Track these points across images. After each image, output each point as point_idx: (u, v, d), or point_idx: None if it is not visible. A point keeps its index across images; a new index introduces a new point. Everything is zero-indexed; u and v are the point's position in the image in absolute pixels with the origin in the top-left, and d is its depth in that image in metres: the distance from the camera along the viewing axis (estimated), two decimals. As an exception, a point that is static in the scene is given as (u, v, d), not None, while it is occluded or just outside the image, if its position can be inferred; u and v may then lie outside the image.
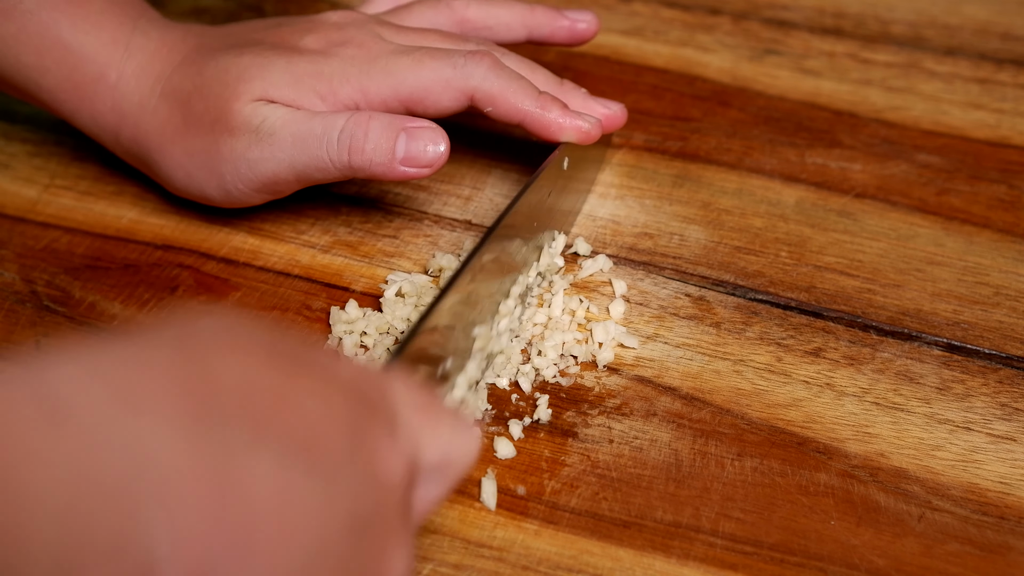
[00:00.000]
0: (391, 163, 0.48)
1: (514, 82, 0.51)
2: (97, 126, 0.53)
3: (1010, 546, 0.43)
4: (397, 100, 0.50)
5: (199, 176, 0.51)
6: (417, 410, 0.34)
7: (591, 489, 0.44)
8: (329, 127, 0.49)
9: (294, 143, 0.49)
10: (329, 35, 0.52)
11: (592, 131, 0.52)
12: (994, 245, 0.55)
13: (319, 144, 0.49)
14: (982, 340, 0.50)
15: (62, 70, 0.51)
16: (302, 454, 0.28)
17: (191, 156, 0.51)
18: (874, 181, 0.58)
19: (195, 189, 0.52)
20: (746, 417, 0.47)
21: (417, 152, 0.48)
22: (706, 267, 0.53)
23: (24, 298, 0.51)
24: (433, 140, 0.48)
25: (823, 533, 0.43)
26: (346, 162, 0.49)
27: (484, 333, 0.46)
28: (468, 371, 0.45)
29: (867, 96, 0.63)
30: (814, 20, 0.68)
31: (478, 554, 0.42)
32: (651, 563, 0.42)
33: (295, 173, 0.50)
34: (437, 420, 0.34)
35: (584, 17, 0.57)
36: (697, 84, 0.64)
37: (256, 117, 0.49)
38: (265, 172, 0.50)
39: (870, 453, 0.46)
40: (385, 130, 0.48)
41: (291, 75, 0.50)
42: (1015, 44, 0.67)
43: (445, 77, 0.50)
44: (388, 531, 0.30)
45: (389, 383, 0.33)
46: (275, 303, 0.51)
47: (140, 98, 0.51)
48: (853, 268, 0.53)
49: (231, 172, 0.50)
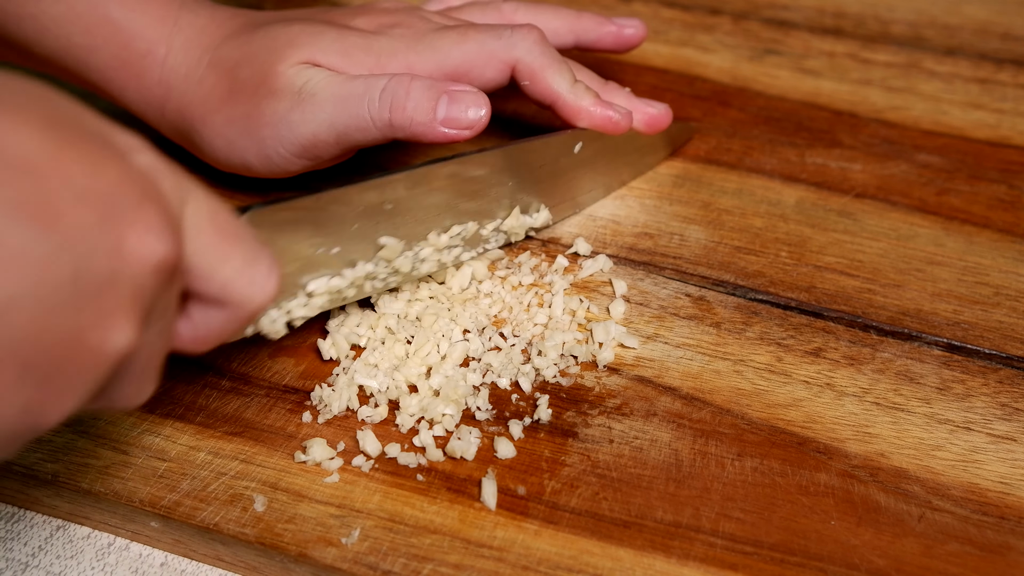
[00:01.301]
0: (432, 123, 0.49)
1: (556, 62, 0.51)
2: (144, 101, 0.53)
3: (1010, 546, 0.43)
4: (442, 74, 0.51)
5: (240, 143, 0.51)
6: (213, 230, 0.34)
7: (591, 489, 0.44)
8: (371, 86, 0.49)
9: (336, 103, 0.49)
10: (379, 18, 0.53)
11: (621, 121, 0.52)
12: (994, 245, 0.55)
13: (360, 102, 0.49)
14: (982, 340, 0.50)
15: (111, 47, 0.52)
16: (32, 210, 0.29)
17: (233, 122, 0.51)
18: (874, 181, 0.58)
19: (236, 158, 0.52)
20: (746, 417, 0.47)
21: (458, 114, 0.49)
22: (706, 267, 0.53)
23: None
24: (475, 104, 0.49)
25: (823, 533, 0.43)
26: (387, 120, 0.49)
27: (394, 246, 0.46)
28: (349, 275, 0.45)
29: (867, 96, 0.63)
30: (814, 20, 0.68)
31: (478, 554, 0.42)
32: (651, 563, 0.42)
33: (335, 133, 0.50)
34: (232, 250, 0.34)
35: (631, 23, 0.57)
36: (697, 84, 0.64)
37: (300, 78, 0.50)
38: (306, 133, 0.50)
39: (870, 453, 0.46)
40: (427, 91, 0.49)
41: (341, 45, 0.51)
42: (1015, 44, 0.67)
43: (490, 48, 0.51)
44: (112, 308, 0.30)
45: (186, 190, 0.34)
46: (275, 303, 0.51)
47: (187, 69, 0.52)
48: (853, 268, 0.53)
49: (272, 135, 0.50)
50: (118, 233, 0.30)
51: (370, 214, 0.45)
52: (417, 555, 0.42)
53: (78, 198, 0.30)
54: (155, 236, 0.31)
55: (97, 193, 0.30)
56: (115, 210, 0.30)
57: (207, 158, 0.53)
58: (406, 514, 0.43)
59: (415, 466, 0.45)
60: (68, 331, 0.30)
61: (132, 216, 0.31)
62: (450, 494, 0.44)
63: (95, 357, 0.30)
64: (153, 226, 0.31)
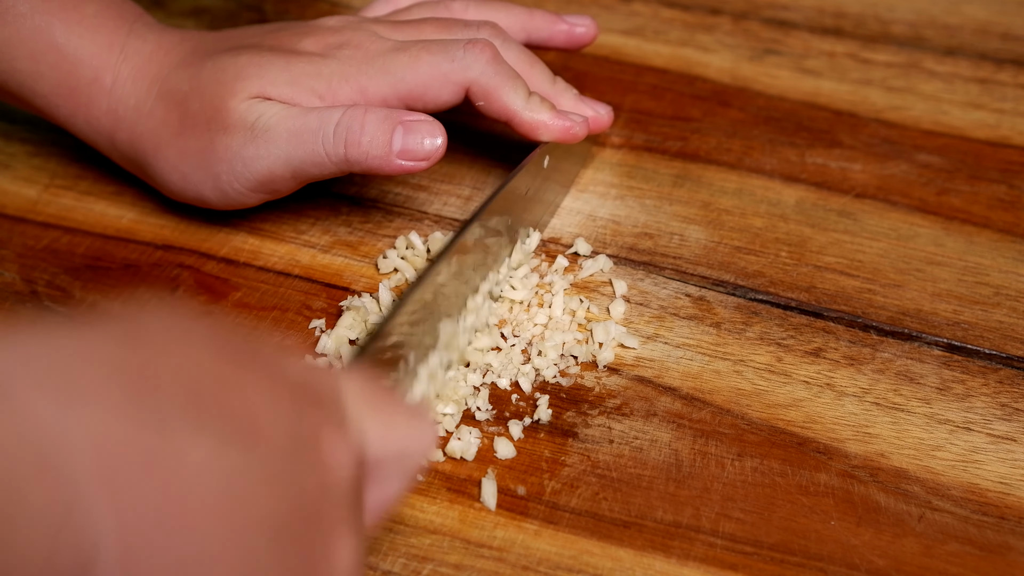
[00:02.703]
0: (387, 156, 0.48)
1: (509, 80, 0.51)
2: (93, 131, 0.52)
3: (1010, 546, 0.43)
4: (396, 98, 0.50)
5: (195, 177, 0.50)
6: (369, 405, 0.34)
7: (591, 489, 0.44)
8: (325, 121, 0.48)
9: (289, 138, 0.48)
10: (326, 38, 0.51)
11: (578, 131, 0.52)
12: (994, 245, 0.55)
13: (315, 138, 0.48)
14: (982, 340, 0.50)
15: (57, 75, 0.51)
16: (244, 439, 0.28)
17: (186, 157, 0.50)
18: (874, 181, 0.58)
19: (191, 191, 0.51)
20: (746, 417, 0.47)
21: (414, 145, 0.48)
22: (706, 267, 0.53)
23: (24, 298, 0.51)
24: (431, 133, 0.48)
25: (823, 533, 0.43)
26: (342, 155, 0.48)
27: (450, 328, 0.46)
28: (430, 363, 0.44)
29: (867, 96, 0.63)
30: (814, 20, 0.68)
31: (478, 554, 0.42)
32: (651, 563, 0.42)
33: (291, 169, 0.49)
34: (391, 414, 0.34)
35: (582, 22, 0.57)
36: (697, 84, 0.64)
37: (252, 114, 0.49)
38: (261, 169, 0.49)
39: (870, 453, 0.46)
40: (382, 123, 0.48)
41: (289, 74, 0.50)
42: (1015, 44, 0.67)
43: (443, 71, 0.50)
44: (334, 523, 0.30)
45: (339, 379, 0.33)
46: (275, 303, 0.51)
47: (136, 101, 0.51)
48: (853, 268, 0.53)
49: (227, 171, 0.50)
50: (314, 444, 0.30)
51: (424, 311, 0.44)
52: (417, 555, 0.42)
53: (271, 420, 0.29)
54: (343, 445, 0.31)
55: (281, 412, 0.29)
56: (302, 424, 0.30)
57: (162, 190, 0.53)
58: (406, 514, 0.43)
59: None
60: (304, 557, 0.29)
61: (318, 431, 0.30)
62: (450, 494, 0.44)
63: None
64: (336, 427, 0.31)
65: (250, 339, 0.32)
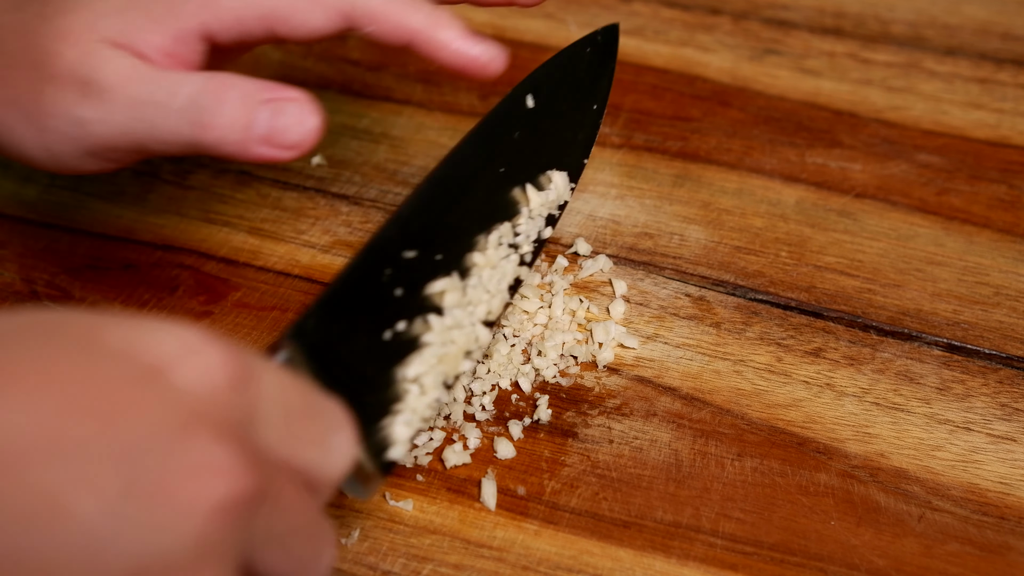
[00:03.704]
0: (246, 142, 0.40)
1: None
2: None
3: (1010, 546, 0.43)
4: (255, 17, 0.41)
5: (18, 131, 0.42)
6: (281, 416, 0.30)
7: (591, 489, 0.44)
8: (174, 93, 0.40)
9: (130, 107, 0.40)
10: None
11: (492, 61, 0.43)
12: (994, 245, 0.55)
13: (160, 113, 0.40)
14: (982, 340, 0.50)
15: None
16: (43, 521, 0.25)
17: (6, 106, 0.42)
18: (874, 181, 0.58)
19: (12, 148, 0.43)
20: (746, 417, 0.47)
21: (280, 131, 0.40)
22: (706, 267, 0.53)
23: (24, 298, 0.51)
24: (301, 117, 0.40)
25: (823, 533, 0.43)
26: (193, 138, 0.40)
27: (449, 283, 0.42)
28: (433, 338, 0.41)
29: (867, 96, 0.63)
30: (814, 20, 0.68)
31: (478, 554, 0.42)
32: (651, 563, 0.42)
33: (132, 142, 0.41)
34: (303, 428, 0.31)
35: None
36: (697, 84, 0.64)
37: (84, 66, 0.40)
38: (98, 136, 0.41)
39: (870, 453, 0.46)
40: (244, 101, 0.40)
41: (121, 1, 0.41)
42: (1015, 44, 0.67)
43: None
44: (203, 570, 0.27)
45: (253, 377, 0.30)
46: (275, 303, 0.51)
47: None
48: (853, 268, 0.53)
49: (55, 130, 0.41)
50: (163, 496, 0.26)
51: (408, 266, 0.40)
52: (417, 555, 0.42)
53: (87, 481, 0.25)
54: (211, 474, 0.27)
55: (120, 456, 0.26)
56: (141, 469, 0.26)
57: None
58: (406, 514, 0.43)
59: (414, 466, 0.45)
60: None
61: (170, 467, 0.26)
62: (450, 494, 0.44)
63: None
64: (205, 466, 0.27)
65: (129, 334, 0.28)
